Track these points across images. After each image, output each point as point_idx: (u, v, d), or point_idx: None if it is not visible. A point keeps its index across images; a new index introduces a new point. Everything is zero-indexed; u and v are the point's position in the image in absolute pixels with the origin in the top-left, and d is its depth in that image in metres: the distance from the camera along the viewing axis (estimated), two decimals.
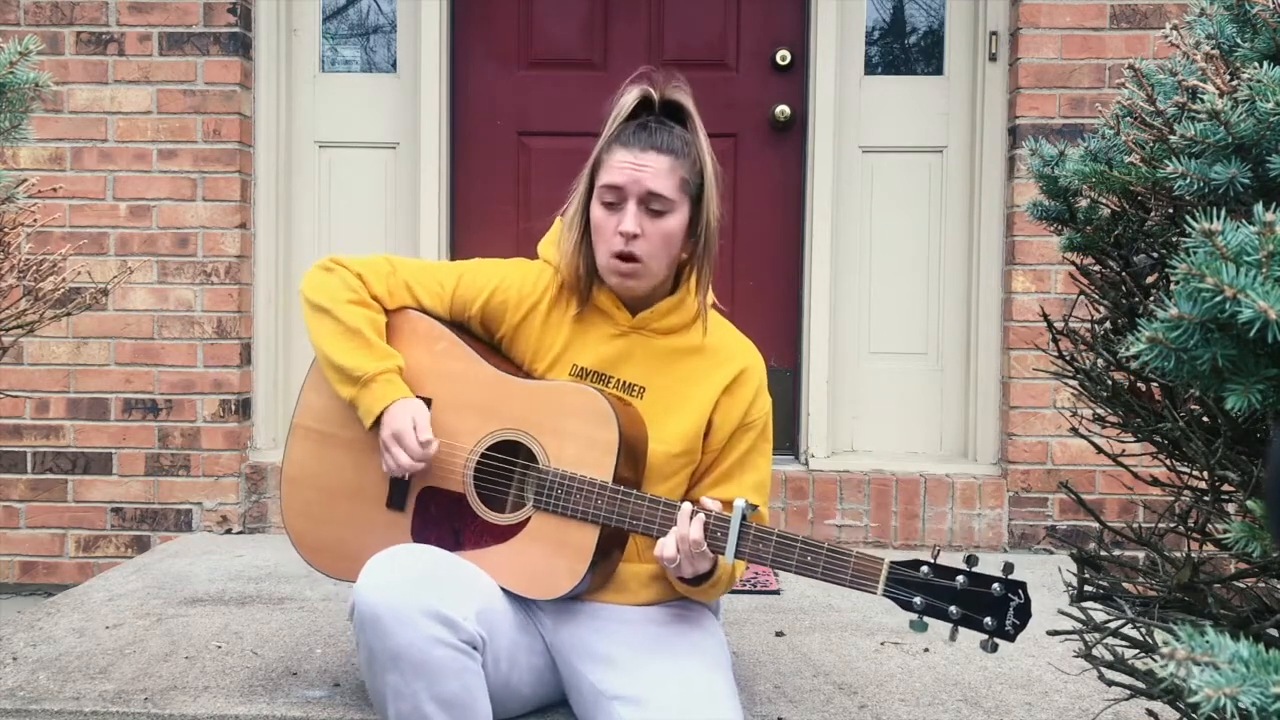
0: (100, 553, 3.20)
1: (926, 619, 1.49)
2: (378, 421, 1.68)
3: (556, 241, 1.77)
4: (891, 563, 1.51)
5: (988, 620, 1.47)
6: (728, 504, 1.59)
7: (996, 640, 1.47)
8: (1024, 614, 1.47)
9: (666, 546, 1.56)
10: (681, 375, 1.73)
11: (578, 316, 1.74)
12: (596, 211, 1.68)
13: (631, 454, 1.66)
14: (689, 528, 1.54)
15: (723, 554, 1.56)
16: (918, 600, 1.49)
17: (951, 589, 1.48)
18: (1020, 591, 1.47)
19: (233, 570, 2.75)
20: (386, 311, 1.77)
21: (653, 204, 1.65)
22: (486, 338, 1.80)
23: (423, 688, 1.49)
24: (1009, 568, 1.49)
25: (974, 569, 1.48)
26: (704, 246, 1.70)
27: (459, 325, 1.79)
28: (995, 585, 1.47)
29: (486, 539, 1.68)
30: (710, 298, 1.76)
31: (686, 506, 1.57)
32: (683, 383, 1.72)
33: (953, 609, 1.48)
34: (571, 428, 1.65)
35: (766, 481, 1.76)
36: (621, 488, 1.62)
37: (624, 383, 1.72)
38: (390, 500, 1.74)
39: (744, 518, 1.56)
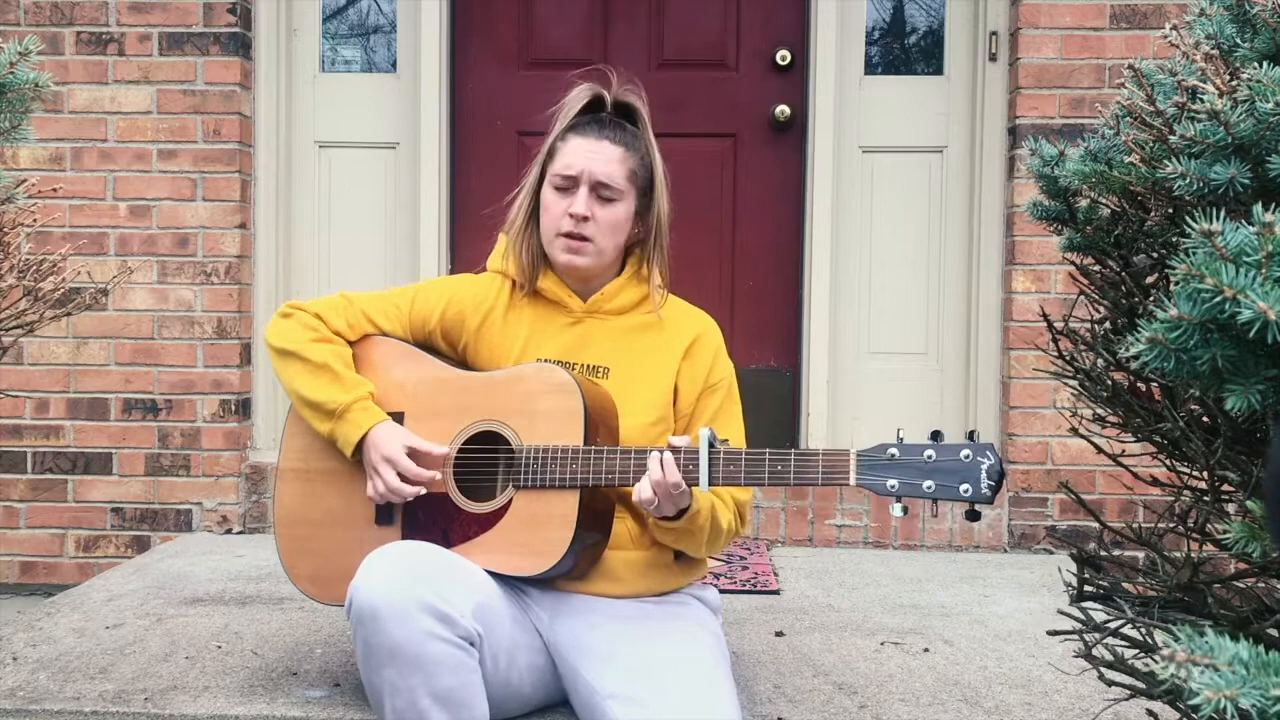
0: (100, 553, 3.20)
1: (904, 500, 1.49)
2: (359, 448, 1.72)
3: (504, 253, 1.85)
4: (859, 451, 1.52)
5: (964, 488, 1.46)
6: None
7: (977, 507, 1.47)
8: (996, 474, 1.46)
9: (643, 490, 1.57)
10: (641, 350, 1.79)
11: (533, 308, 1.81)
12: (548, 194, 1.77)
13: (600, 421, 1.68)
14: (660, 463, 1.56)
15: (697, 485, 1.57)
16: (891, 483, 1.49)
17: (922, 465, 1.48)
18: (989, 453, 1.47)
19: (233, 570, 2.75)
20: (350, 344, 1.81)
21: (602, 191, 1.74)
22: (450, 353, 1.85)
23: (419, 683, 1.50)
24: (974, 434, 1.50)
25: (940, 441, 1.49)
26: (654, 235, 1.80)
27: (423, 345, 1.83)
28: (964, 452, 1.47)
29: (474, 531, 1.69)
30: (658, 280, 1.82)
31: (655, 450, 1.59)
32: (644, 357, 1.79)
33: (927, 484, 1.47)
34: (536, 405, 1.69)
35: (741, 441, 1.79)
36: (592, 447, 1.64)
37: (588, 366, 1.78)
38: (378, 517, 1.75)
39: (711, 444, 1.57)
